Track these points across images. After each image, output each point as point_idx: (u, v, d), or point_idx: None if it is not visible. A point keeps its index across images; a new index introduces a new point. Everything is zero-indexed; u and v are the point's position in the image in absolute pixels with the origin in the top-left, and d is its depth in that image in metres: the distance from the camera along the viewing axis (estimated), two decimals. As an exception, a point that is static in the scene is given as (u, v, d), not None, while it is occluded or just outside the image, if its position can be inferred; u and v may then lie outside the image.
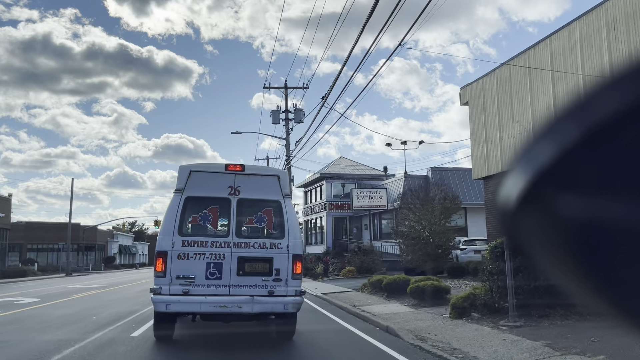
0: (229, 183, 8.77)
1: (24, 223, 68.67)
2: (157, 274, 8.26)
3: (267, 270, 8.47)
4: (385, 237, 38.41)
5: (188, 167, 8.86)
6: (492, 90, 18.63)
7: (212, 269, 8.34)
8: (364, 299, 15.63)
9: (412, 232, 20.35)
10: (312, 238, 48.33)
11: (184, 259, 8.29)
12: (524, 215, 0.55)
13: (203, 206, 8.73)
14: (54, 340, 9.29)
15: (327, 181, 43.73)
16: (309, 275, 31.53)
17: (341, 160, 47.12)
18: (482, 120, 19.26)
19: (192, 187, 8.63)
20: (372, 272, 28.66)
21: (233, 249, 8.48)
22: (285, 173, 9.62)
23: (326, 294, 18.38)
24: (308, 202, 49.36)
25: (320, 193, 45.67)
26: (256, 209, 8.85)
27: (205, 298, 8.19)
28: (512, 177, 0.55)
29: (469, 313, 10.05)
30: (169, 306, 8.13)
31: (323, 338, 9.74)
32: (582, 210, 0.50)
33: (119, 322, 11.87)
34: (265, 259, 8.50)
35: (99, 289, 24.45)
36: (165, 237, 8.38)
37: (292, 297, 8.44)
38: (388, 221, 39.70)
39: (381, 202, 35.08)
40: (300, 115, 31.93)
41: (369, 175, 44.01)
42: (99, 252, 76.91)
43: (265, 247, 8.59)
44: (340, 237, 44.24)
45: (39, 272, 50.26)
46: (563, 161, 0.51)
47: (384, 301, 14.75)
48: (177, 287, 8.18)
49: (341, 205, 43.75)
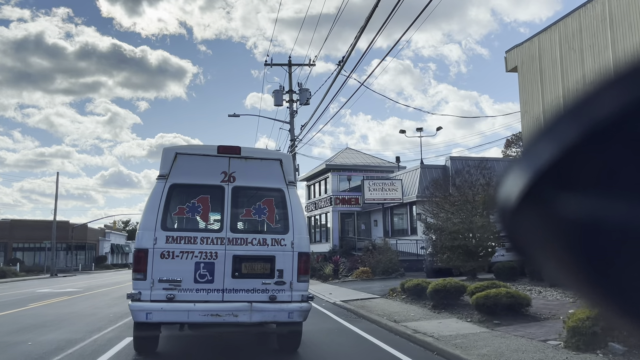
0: (222, 168, 7.37)
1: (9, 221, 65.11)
2: (135, 276, 6.88)
3: (268, 271, 7.16)
4: (399, 234, 34.78)
5: (173, 149, 7.38)
6: (552, 48, 14.99)
7: (203, 270, 6.99)
8: (402, 310, 11.96)
9: (449, 225, 16.70)
10: (316, 236, 44.59)
11: (169, 258, 6.92)
12: (524, 214, 0.55)
13: (191, 195, 7.29)
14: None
15: (332, 173, 40.02)
16: (315, 277, 27.86)
17: (347, 151, 43.42)
18: (537, 86, 15.64)
19: (179, 173, 7.21)
20: (390, 273, 25.15)
21: (227, 246, 7.13)
22: (289, 157, 8.38)
23: (346, 301, 14.73)
24: (311, 196, 45.62)
25: (325, 186, 41.94)
26: (255, 199, 7.50)
27: (194, 305, 6.82)
28: (512, 176, 0.54)
29: (603, 343, 6.39)
30: (149, 315, 6.73)
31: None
32: (582, 209, 0.50)
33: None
34: (265, 258, 7.19)
35: (70, 295, 20.63)
36: (145, 233, 6.98)
37: (298, 304, 7.11)
38: (400, 217, 36.06)
39: (396, 195, 31.42)
40: (306, 96, 28.21)
41: (378, 166, 40.37)
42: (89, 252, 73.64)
43: (266, 243, 7.25)
44: (347, 235, 40.56)
45: (22, 272, 46.93)
46: (563, 160, 0.50)
47: (433, 314, 11.10)
48: (160, 291, 6.81)
49: (348, 200, 40.03)
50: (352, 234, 40.09)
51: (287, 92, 28.51)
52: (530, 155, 0.53)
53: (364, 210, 39.43)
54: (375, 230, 38.41)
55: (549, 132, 0.52)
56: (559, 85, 14.68)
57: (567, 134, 0.50)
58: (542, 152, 0.52)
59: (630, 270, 0.49)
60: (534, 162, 0.52)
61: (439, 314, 11.00)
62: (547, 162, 0.51)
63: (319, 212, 43.06)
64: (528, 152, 0.54)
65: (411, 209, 33.87)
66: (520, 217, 0.55)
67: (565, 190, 0.50)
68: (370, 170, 39.09)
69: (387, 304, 13.34)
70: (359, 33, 15.62)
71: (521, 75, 16.52)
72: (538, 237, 0.55)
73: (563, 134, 0.50)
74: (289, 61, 28.83)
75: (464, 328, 9.18)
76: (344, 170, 40.09)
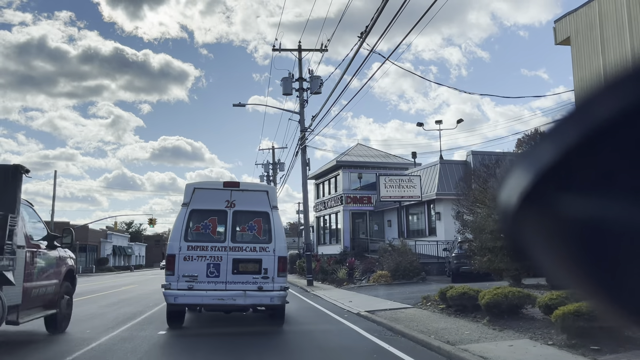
0: (226, 197, 10.34)
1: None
2: (167, 273, 9.87)
3: (257, 269, 9.97)
4: (415, 234, 32.36)
5: (193, 185, 10.62)
6: (618, 11, 12.61)
7: (212, 268, 9.88)
8: (450, 326, 9.57)
9: (490, 223, 14.30)
10: (326, 237, 42.18)
11: (189, 260, 9.85)
12: (525, 215, 0.55)
13: (204, 217, 10.30)
14: None
15: (343, 170, 37.63)
16: (328, 281, 25.43)
17: (358, 148, 40.99)
18: (596, 58, 13.24)
19: (196, 202, 10.22)
20: (411, 277, 22.76)
21: (229, 252, 10.00)
22: (273, 188, 11.84)
23: (373, 312, 12.36)
24: (320, 195, 43.23)
25: (335, 185, 39.54)
26: (248, 219, 10.37)
27: (206, 292, 9.70)
28: (514, 177, 0.55)
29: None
30: (176, 299, 9.65)
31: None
32: (583, 210, 0.50)
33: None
34: (255, 260, 10.02)
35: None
36: (174, 243, 9.93)
37: (278, 292, 9.88)
38: (417, 216, 33.63)
39: (414, 192, 28.97)
40: (317, 84, 25.88)
41: (392, 163, 37.89)
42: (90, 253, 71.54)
43: (256, 250, 10.07)
44: (358, 236, 38.15)
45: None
46: (565, 161, 0.51)
47: (493, 332, 8.70)
48: (184, 283, 9.72)
49: (360, 199, 37.66)
50: (364, 235, 37.69)
51: (297, 79, 26.17)
52: (532, 156, 0.52)
53: (376, 209, 37.03)
54: (388, 231, 35.98)
55: (551, 133, 0.50)
56: (626, 54, 12.29)
57: (569, 135, 0.49)
58: (544, 153, 0.51)
59: (633, 269, 0.48)
60: (535, 163, 0.51)
61: (502, 332, 8.60)
62: (548, 163, 0.50)
63: (329, 212, 40.65)
64: (530, 152, 0.53)
65: (429, 208, 31.43)
66: (522, 218, 0.54)
67: (566, 191, 0.50)
68: (384, 167, 36.66)
69: (425, 317, 10.94)
70: (377, 14, 13.38)
71: (575, 47, 14.12)
72: (541, 238, 0.54)
73: (565, 135, 0.49)
74: (299, 46, 26.50)
75: (552, 356, 6.78)
76: (356, 168, 37.70)
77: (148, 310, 13.91)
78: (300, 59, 26.19)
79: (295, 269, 35.42)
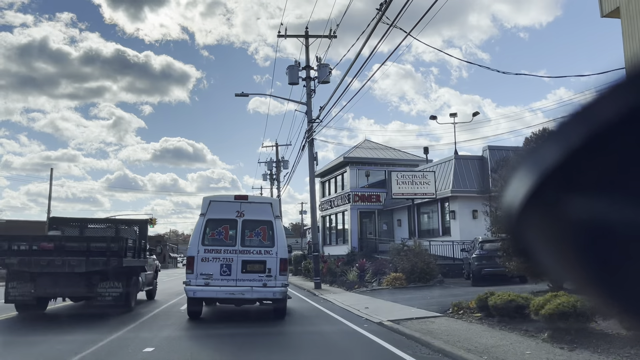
0: (236, 208, 12.07)
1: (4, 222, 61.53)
2: (187, 272, 11.74)
3: (262, 269, 11.63)
4: (427, 234, 30.53)
5: (209, 198, 12.40)
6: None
7: (224, 268, 11.60)
8: (503, 343, 7.77)
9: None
10: (332, 237, 40.40)
11: (205, 261, 11.58)
12: (529, 215, 0.55)
13: (218, 225, 12.02)
14: None
15: (351, 167, 35.86)
16: (337, 284, 23.60)
17: (366, 144, 39.22)
18: (654, 29, 11.47)
19: (211, 212, 12.02)
20: (427, 280, 21.00)
21: (239, 254, 11.72)
22: (276, 201, 15.36)
23: (397, 321, 10.60)
24: (326, 194, 41.44)
25: (342, 182, 37.77)
26: (255, 227, 12.02)
27: (219, 288, 11.47)
28: (518, 178, 0.55)
29: None
30: (195, 293, 11.47)
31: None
32: (587, 210, 0.50)
33: None
34: (261, 261, 11.70)
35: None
36: (193, 247, 11.77)
37: (279, 288, 11.58)
38: (430, 215, 31.83)
39: (428, 189, 27.17)
40: (325, 72, 24.12)
41: (402, 160, 36.11)
42: (90, 254, 69.75)
43: (261, 253, 11.76)
44: (367, 236, 36.36)
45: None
46: (569, 162, 0.51)
47: (562, 352, 6.89)
48: (201, 280, 11.44)
49: (369, 197, 35.90)
50: (373, 235, 35.91)
51: (304, 67, 24.42)
52: (536, 157, 0.52)
53: (385, 208, 35.27)
54: (398, 231, 34.18)
55: (555, 134, 0.50)
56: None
57: (573, 136, 0.49)
58: (548, 153, 0.50)
59: (635, 269, 0.48)
60: (539, 164, 0.51)
61: (574, 353, 6.81)
62: (552, 164, 0.50)
63: (335, 211, 38.87)
64: (534, 153, 0.52)
65: (443, 206, 29.63)
66: (526, 217, 0.54)
67: (570, 192, 0.50)
68: (393, 164, 34.87)
69: (465, 330, 9.15)
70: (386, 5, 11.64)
71: (626, 18, 12.33)
72: (545, 238, 0.54)
73: (569, 136, 0.49)
74: (306, 32, 24.72)
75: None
76: (364, 164, 35.93)
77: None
78: (307, 45, 24.44)
79: (300, 270, 33.66)
